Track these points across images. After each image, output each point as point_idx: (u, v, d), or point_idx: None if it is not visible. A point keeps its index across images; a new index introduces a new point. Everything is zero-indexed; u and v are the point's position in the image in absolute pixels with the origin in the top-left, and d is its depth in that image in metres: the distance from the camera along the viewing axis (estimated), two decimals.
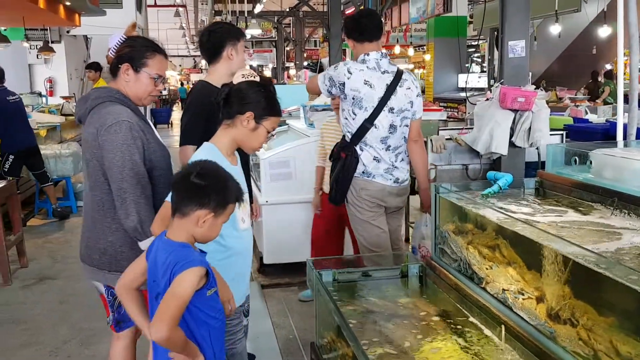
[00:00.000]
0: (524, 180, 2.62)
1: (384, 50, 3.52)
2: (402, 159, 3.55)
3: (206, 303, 1.92)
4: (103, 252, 2.46)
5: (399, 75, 3.46)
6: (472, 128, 4.58)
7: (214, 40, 3.16)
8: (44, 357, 3.79)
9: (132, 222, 2.33)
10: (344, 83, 3.40)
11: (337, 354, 2.32)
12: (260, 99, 2.30)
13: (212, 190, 1.89)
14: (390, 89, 3.39)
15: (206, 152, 2.27)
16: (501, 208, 2.31)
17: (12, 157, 6.77)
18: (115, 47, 2.51)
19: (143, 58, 2.44)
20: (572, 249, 1.74)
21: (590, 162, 2.41)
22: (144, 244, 2.34)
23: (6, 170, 6.70)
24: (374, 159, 3.45)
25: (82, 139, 2.49)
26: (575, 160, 2.45)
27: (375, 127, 3.40)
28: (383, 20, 13.37)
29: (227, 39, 3.14)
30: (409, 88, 3.47)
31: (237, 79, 2.32)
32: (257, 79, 2.34)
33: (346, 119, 3.48)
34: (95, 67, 9.12)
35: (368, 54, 3.44)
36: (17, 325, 4.28)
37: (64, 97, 12.50)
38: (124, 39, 2.53)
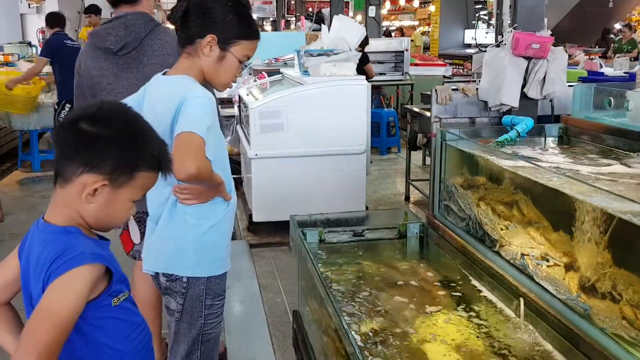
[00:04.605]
0: (546, 127, 2.22)
1: None
2: None
3: (112, 318, 1.24)
4: None
5: None
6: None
7: None
8: None
9: None
10: None
11: (321, 325, 1.97)
12: (227, 16, 1.74)
13: (111, 143, 1.20)
14: None
15: (190, 82, 1.74)
16: (521, 157, 1.92)
17: (69, 105, 6.07)
18: None
19: None
20: (615, 203, 1.37)
21: (627, 104, 2.01)
22: None
23: (62, 120, 6.19)
24: None
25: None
26: (610, 102, 2.05)
27: None
28: None
29: None
30: None
31: None
32: None
33: None
34: (94, 10, 8.54)
35: None
36: None
37: None
38: None
